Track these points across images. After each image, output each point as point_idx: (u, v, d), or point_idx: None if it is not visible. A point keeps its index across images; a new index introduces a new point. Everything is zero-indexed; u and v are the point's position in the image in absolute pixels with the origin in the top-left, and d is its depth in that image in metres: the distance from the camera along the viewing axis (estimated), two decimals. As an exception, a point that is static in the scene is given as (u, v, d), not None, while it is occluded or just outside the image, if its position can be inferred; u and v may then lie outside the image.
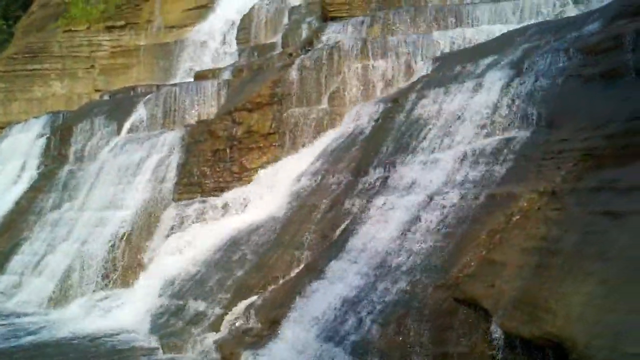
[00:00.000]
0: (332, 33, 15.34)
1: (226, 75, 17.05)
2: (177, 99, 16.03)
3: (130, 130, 16.27)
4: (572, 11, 13.08)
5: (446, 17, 14.32)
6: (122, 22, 24.45)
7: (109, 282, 13.04)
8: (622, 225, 5.76)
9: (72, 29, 24.55)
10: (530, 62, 8.86)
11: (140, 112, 16.33)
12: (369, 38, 13.93)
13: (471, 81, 9.71)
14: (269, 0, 21.31)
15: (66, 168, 17.09)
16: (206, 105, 15.88)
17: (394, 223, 8.45)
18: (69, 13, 25.01)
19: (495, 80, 9.19)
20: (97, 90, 23.11)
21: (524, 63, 8.97)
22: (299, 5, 20.09)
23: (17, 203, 17.50)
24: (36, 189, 17.40)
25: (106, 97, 19.48)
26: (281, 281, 9.56)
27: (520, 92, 8.60)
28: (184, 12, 24.67)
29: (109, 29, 24.39)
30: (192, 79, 18.75)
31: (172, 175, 14.04)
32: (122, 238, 13.34)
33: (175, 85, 17.18)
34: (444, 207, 7.96)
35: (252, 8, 21.24)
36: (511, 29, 11.87)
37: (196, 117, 15.69)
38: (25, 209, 17.03)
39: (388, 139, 10.43)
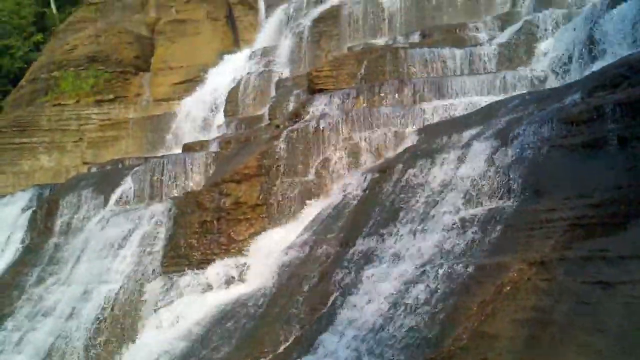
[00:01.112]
0: (319, 105, 15.56)
1: (214, 147, 17.16)
2: (165, 170, 16.04)
3: (117, 203, 16.18)
4: (553, 82, 13.41)
5: (430, 89, 14.59)
6: (112, 96, 24.78)
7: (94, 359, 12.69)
8: (614, 295, 5.74)
9: (61, 102, 24.80)
10: (514, 132, 9.01)
11: (127, 184, 16.30)
12: (354, 110, 14.15)
13: (457, 151, 9.83)
14: (256, 74, 21.72)
15: (52, 241, 16.88)
16: (194, 177, 15.90)
17: (383, 294, 8.37)
18: (59, 87, 25.30)
19: (480, 150, 9.31)
20: (85, 163, 23.15)
21: (509, 134, 9.11)
22: (286, 78, 20.46)
23: (1, 278, 17.19)
24: (21, 263, 17.12)
25: (94, 170, 19.48)
26: (270, 356, 9.35)
27: (505, 162, 8.71)
28: (173, 85, 25.08)
29: (98, 102, 24.67)
30: (180, 151, 18.85)
31: (159, 247, 13.89)
32: (107, 313, 13.07)
33: (163, 157, 17.24)
34: (433, 277, 7.91)
35: (240, 81, 21.61)
36: (494, 100, 12.12)
37: (184, 189, 15.69)
38: (9, 284, 16.70)
39: (376, 210, 10.44)
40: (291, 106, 17.69)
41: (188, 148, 18.20)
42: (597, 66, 11.52)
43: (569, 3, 17.44)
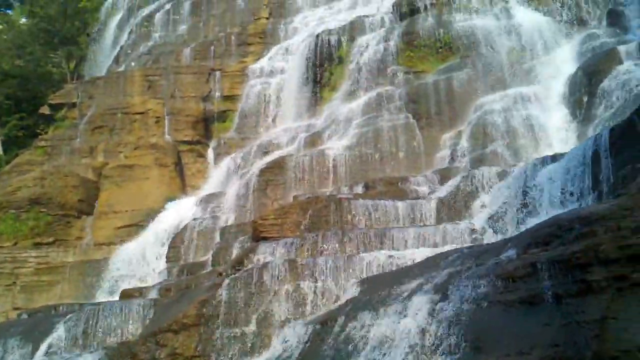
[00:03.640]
0: (263, 253, 15.53)
1: (153, 294, 16.71)
2: (100, 318, 15.38)
3: (47, 353, 15.30)
4: (491, 237, 13.82)
5: (373, 240, 14.80)
6: (52, 239, 24.19)
7: None
8: None
9: (-2, 244, 24.08)
10: (453, 287, 9.11)
11: (59, 333, 15.50)
12: (298, 259, 14.14)
13: (398, 305, 9.82)
14: (201, 220, 21.72)
15: (-30, 395, 15.67)
16: (130, 326, 15.29)
17: None
18: (-3, 230, 24.65)
19: (421, 304, 9.33)
20: (15, 309, 22.06)
21: (448, 288, 9.20)
22: (231, 225, 20.50)
23: None
24: None
25: (24, 316, 18.56)
26: None
27: (445, 317, 8.72)
28: (116, 229, 24.74)
29: (37, 245, 24.01)
30: (118, 298, 18.25)
31: (87, 403, 13.03)
32: None
33: (99, 304, 16.63)
34: None
35: (185, 227, 21.53)
36: (435, 252, 12.35)
37: (119, 338, 15.01)
38: None
39: (317, 364, 10.16)
40: (235, 253, 17.60)
41: (126, 295, 17.66)
42: (531, 223, 11.98)
43: (504, 161, 18.40)
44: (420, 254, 13.02)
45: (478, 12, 23.34)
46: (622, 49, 18.63)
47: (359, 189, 19.20)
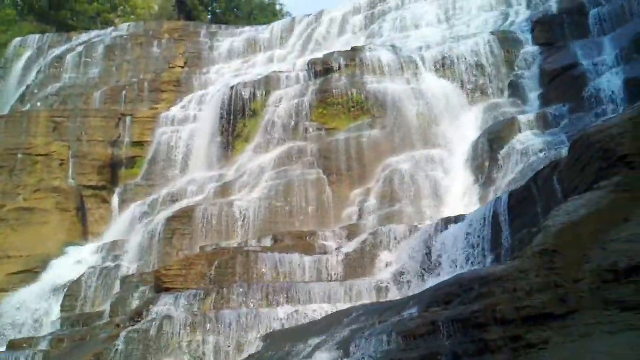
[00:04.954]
0: (164, 305, 15.04)
1: (44, 345, 15.78)
2: (-18, 371, 14.41)
3: None
4: (395, 294, 14.01)
5: (279, 294, 14.68)
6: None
7: None
8: None
9: None
10: (356, 344, 9.12)
11: None
12: (201, 312, 13.80)
13: (301, 361, 9.72)
14: (101, 268, 20.86)
15: None
16: (16, 379, 14.36)
17: None
18: None
19: (323, 361, 9.27)
20: None
21: (351, 345, 9.20)
22: (133, 274, 19.81)
23: None
24: None
25: None
26: None
27: (347, 374, 8.69)
28: (9, 275, 23.35)
29: None
30: (4, 349, 17.11)
31: None
32: None
33: (-17, 355, 15.54)
34: None
35: (83, 275, 20.59)
36: (340, 308, 12.38)
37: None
38: None
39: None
40: (135, 304, 16.98)
41: (14, 345, 16.59)
42: (434, 281, 12.27)
43: (410, 220, 18.84)
44: (325, 309, 13.01)
45: (389, 76, 24.18)
46: (521, 118, 19.76)
47: (268, 242, 19.08)
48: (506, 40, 24.36)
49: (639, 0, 21.48)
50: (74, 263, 22.48)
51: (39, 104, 32.43)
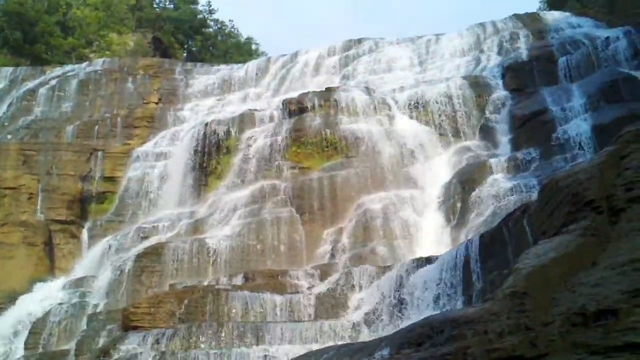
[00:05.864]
0: (132, 344, 14.76)
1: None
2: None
3: None
4: (366, 334, 13.93)
5: (250, 334, 14.51)
6: None
7: None
8: None
9: None
10: (327, 386, 9.02)
11: None
12: (168, 351, 13.56)
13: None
14: (68, 304, 20.41)
15: None
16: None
17: None
18: None
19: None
20: None
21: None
22: (100, 312, 19.43)
23: None
24: None
25: None
26: None
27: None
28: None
29: None
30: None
31: None
32: None
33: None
34: None
35: (48, 312, 20.12)
36: (311, 349, 12.24)
37: None
38: None
39: None
40: (101, 342, 16.63)
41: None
42: (405, 322, 12.25)
43: (382, 260, 18.86)
44: (295, 350, 12.87)
45: (363, 116, 24.48)
46: (492, 161, 20.10)
47: (239, 280, 18.94)
48: (477, 85, 24.93)
49: (605, 49, 22.23)
50: (39, 299, 21.99)
51: (9, 136, 32.04)
